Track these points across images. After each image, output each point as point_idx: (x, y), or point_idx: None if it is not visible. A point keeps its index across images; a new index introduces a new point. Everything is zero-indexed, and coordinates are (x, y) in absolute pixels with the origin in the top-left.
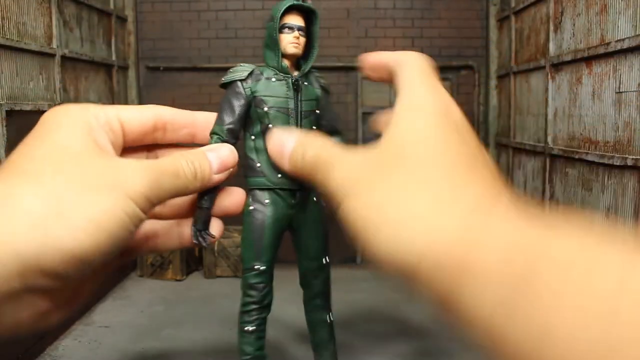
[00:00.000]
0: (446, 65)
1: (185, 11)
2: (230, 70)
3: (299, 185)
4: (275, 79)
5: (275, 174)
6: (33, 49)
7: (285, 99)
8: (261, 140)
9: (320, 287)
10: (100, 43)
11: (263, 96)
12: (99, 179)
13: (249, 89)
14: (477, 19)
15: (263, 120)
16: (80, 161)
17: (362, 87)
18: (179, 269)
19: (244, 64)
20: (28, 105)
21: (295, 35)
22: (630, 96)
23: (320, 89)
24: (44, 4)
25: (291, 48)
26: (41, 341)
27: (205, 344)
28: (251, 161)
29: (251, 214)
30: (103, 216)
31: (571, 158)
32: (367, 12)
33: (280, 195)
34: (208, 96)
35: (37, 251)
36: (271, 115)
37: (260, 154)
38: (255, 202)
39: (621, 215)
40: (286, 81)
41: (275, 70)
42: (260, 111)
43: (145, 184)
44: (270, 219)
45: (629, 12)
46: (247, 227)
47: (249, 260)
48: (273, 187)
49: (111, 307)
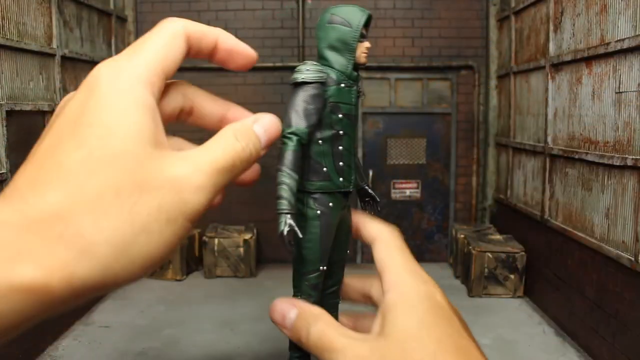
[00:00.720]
0: (446, 65)
1: (185, 11)
2: (303, 68)
3: (353, 188)
4: (344, 85)
5: (338, 178)
6: (33, 49)
7: (351, 107)
8: (329, 144)
9: (339, 275)
10: (100, 43)
11: (338, 102)
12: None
13: (327, 92)
14: (477, 19)
15: (335, 126)
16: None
17: (362, 87)
18: (179, 269)
19: (313, 63)
20: (28, 106)
21: (367, 46)
22: (630, 96)
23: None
24: (44, 4)
25: (364, 58)
26: (41, 341)
27: (205, 344)
28: (318, 165)
29: (319, 218)
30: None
31: (571, 158)
32: None
33: (339, 198)
34: None
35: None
36: (344, 122)
37: (327, 158)
38: (322, 206)
39: (621, 215)
40: (353, 89)
41: (344, 76)
42: (335, 117)
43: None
44: (335, 221)
45: (628, 12)
46: (314, 230)
47: (316, 262)
48: (336, 191)
49: (111, 307)
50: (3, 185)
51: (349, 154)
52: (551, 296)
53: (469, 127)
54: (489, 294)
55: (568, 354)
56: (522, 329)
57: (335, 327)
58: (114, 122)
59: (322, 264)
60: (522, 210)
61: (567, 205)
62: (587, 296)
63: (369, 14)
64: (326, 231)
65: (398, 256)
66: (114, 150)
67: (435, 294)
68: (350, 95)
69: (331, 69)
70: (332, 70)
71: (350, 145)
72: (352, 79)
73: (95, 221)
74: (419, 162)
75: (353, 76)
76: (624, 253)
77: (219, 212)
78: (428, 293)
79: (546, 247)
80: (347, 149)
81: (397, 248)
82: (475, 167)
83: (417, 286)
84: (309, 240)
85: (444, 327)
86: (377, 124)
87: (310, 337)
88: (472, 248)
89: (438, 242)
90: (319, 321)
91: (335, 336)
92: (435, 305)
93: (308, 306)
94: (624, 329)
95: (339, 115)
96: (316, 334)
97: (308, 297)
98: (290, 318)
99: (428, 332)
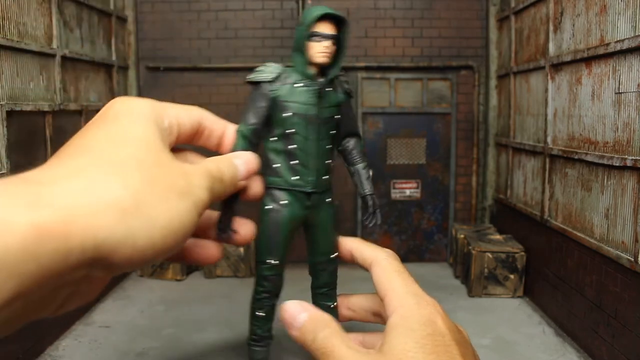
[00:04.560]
0: (446, 66)
1: (185, 11)
2: (258, 69)
3: (314, 188)
4: (300, 85)
5: (291, 176)
6: (33, 50)
7: (307, 106)
8: (281, 142)
9: (327, 278)
10: (101, 43)
11: (287, 101)
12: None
13: (274, 92)
14: (477, 19)
15: (285, 125)
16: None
17: (362, 87)
18: (179, 269)
19: (272, 64)
20: (28, 106)
21: (325, 45)
22: (629, 97)
23: (343, 94)
24: (44, 5)
25: (319, 57)
26: (41, 341)
27: (205, 344)
28: (270, 161)
29: (268, 213)
30: (177, 223)
31: (571, 158)
32: (367, 12)
33: (297, 197)
34: (208, 96)
35: (115, 246)
36: (293, 121)
37: (279, 155)
38: (273, 202)
39: (621, 215)
40: (311, 88)
41: (302, 76)
42: (284, 116)
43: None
44: (286, 219)
45: (628, 13)
46: (264, 224)
47: (263, 254)
48: (290, 189)
49: (111, 307)
50: None
51: (304, 154)
52: (551, 296)
53: (468, 127)
54: (488, 294)
55: (568, 354)
56: (522, 329)
57: (342, 337)
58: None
59: (272, 257)
60: (522, 210)
61: (566, 206)
62: (587, 296)
63: (325, 12)
64: (274, 227)
65: (399, 279)
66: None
67: (436, 318)
68: (308, 95)
69: (292, 69)
70: (292, 70)
71: (308, 145)
72: (310, 78)
73: (120, 179)
74: (419, 162)
75: (310, 75)
76: (624, 253)
77: None
78: (429, 318)
79: (546, 247)
80: (302, 149)
81: (396, 272)
82: (475, 167)
83: (418, 310)
84: (259, 232)
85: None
86: (377, 124)
87: (316, 341)
88: (472, 248)
89: (438, 242)
90: (327, 328)
91: (338, 344)
92: (435, 332)
93: (319, 312)
94: (623, 329)
95: (289, 114)
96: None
97: (260, 286)
98: (300, 320)
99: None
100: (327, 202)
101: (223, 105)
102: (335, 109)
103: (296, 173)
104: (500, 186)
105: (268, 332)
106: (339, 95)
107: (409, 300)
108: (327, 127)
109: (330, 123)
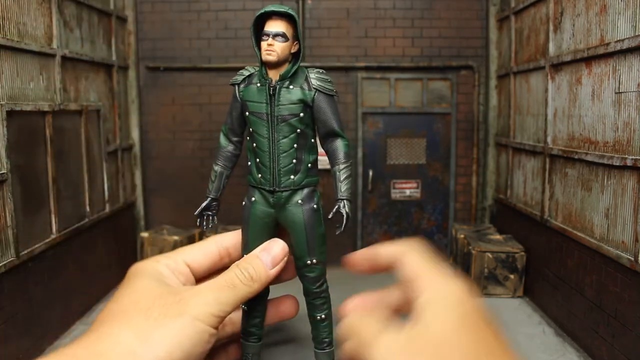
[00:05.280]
0: (446, 66)
1: (185, 11)
2: (238, 72)
3: (274, 187)
4: (259, 85)
5: (257, 174)
6: (33, 50)
7: (259, 104)
8: (250, 141)
9: (308, 286)
10: (101, 43)
11: (247, 101)
12: (170, 310)
13: (241, 93)
14: (477, 19)
15: (249, 123)
16: (156, 301)
17: (362, 87)
18: None
19: (248, 68)
20: (28, 106)
21: (269, 43)
22: (629, 96)
23: (313, 90)
24: (44, 5)
25: (265, 56)
26: (41, 341)
27: None
28: (247, 159)
29: (244, 208)
30: (176, 338)
31: (571, 158)
32: (367, 12)
33: (263, 194)
34: (208, 96)
35: None
36: (251, 119)
37: (250, 153)
38: (247, 199)
39: (621, 215)
40: (261, 87)
41: (259, 76)
42: (247, 115)
43: (209, 303)
44: (254, 215)
45: (628, 13)
46: (242, 220)
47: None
48: (257, 186)
49: None
50: (3, 185)
51: (263, 154)
52: (551, 296)
53: (468, 127)
54: (488, 294)
55: (568, 354)
56: (522, 329)
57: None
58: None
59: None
60: (522, 210)
61: (566, 206)
62: (587, 296)
63: (265, 10)
64: (245, 223)
65: (430, 263)
66: (139, 289)
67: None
68: (260, 94)
69: (257, 70)
70: (257, 71)
71: (264, 144)
72: (264, 77)
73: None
74: (419, 162)
75: (262, 74)
76: (624, 253)
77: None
78: (463, 298)
79: (546, 247)
80: (260, 148)
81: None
82: (475, 167)
83: (454, 290)
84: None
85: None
86: (377, 124)
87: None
88: (472, 248)
89: (438, 242)
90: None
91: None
92: (472, 310)
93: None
94: (623, 329)
95: (247, 113)
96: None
97: None
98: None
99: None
100: (297, 203)
101: (223, 105)
102: (297, 106)
103: (259, 171)
104: (500, 186)
105: (255, 327)
106: (305, 92)
107: (444, 280)
108: (286, 125)
109: (291, 121)
